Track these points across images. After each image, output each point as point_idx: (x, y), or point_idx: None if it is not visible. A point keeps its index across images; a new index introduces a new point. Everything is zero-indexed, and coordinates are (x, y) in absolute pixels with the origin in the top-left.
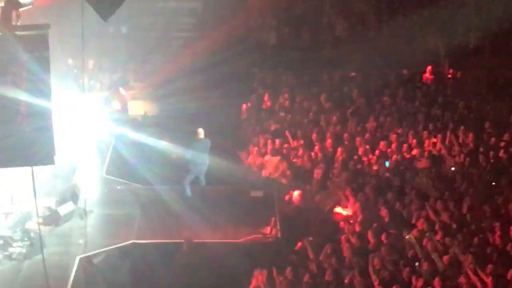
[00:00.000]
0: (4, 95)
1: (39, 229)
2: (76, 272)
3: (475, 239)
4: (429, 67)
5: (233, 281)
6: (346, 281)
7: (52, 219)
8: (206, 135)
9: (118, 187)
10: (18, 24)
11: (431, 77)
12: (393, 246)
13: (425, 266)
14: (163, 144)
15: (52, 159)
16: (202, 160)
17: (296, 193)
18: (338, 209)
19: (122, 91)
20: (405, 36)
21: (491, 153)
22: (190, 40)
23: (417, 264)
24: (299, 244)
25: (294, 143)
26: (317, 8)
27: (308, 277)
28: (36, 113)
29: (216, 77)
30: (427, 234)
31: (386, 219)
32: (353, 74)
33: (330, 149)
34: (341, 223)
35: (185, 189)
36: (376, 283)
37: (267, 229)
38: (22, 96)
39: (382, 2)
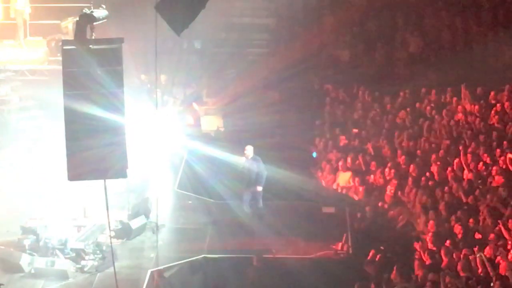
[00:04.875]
0: (78, 110)
1: (111, 242)
2: (147, 285)
3: None
4: (508, 86)
5: None
6: None
7: (124, 232)
8: (278, 150)
9: (190, 202)
10: (92, 38)
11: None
12: (465, 264)
13: (496, 286)
14: (236, 159)
15: (125, 172)
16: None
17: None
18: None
19: (195, 106)
20: (481, 53)
21: None
22: (263, 55)
23: (491, 284)
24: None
25: (366, 159)
26: (390, 24)
27: None
28: (110, 128)
29: (289, 92)
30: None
31: (459, 236)
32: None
33: (403, 166)
34: (414, 240)
35: (244, 204)
36: None
37: (339, 245)
38: (96, 110)
39: (456, 18)
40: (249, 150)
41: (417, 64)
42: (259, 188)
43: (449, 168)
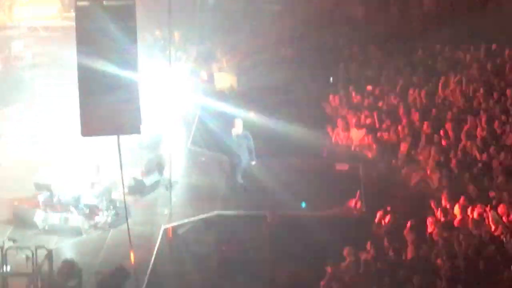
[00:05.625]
0: (91, 67)
1: (125, 199)
2: (160, 242)
3: None
4: None
5: (317, 254)
6: (430, 256)
7: (138, 189)
8: (292, 106)
9: (203, 158)
10: None
11: None
12: (479, 222)
13: (510, 244)
14: (250, 116)
15: (139, 129)
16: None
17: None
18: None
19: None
20: (495, 10)
21: None
22: (278, 12)
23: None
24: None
25: (380, 117)
26: None
27: (392, 252)
28: (123, 84)
29: (303, 49)
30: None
31: (473, 195)
32: (439, 47)
33: (417, 123)
34: (427, 198)
35: (236, 178)
36: (461, 258)
37: (352, 203)
38: (109, 67)
39: None
40: (239, 125)
41: (431, 21)
42: (253, 163)
43: (463, 126)
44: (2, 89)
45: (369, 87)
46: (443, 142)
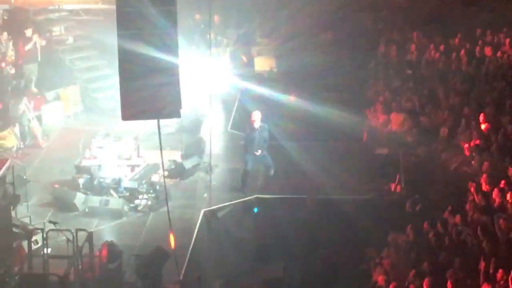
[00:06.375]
0: (132, 50)
1: (165, 182)
2: (200, 225)
3: None
4: None
5: (356, 237)
6: (470, 240)
7: (178, 172)
8: (331, 90)
9: (242, 142)
10: None
11: None
12: None
13: None
14: (290, 99)
15: (179, 112)
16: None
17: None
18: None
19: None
20: None
21: None
22: None
23: None
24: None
25: (420, 101)
26: None
27: (432, 236)
28: (164, 68)
29: (343, 33)
30: None
31: None
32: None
33: (457, 107)
34: (467, 182)
35: (248, 166)
36: (502, 242)
37: (392, 186)
38: (150, 50)
39: None
40: (257, 117)
41: (471, 5)
42: (265, 152)
43: (504, 110)
44: (44, 73)
45: (409, 71)
46: (483, 126)
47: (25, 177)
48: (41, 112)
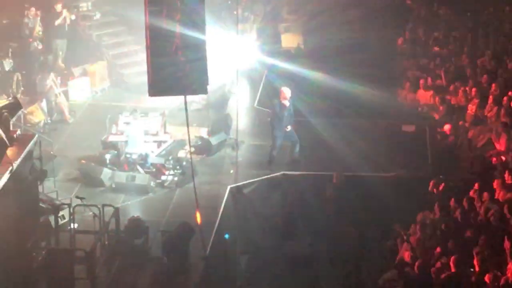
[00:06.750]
0: (160, 27)
1: (191, 158)
2: (226, 201)
3: None
4: None
5: (382, 215)
6: (496, 217)
7: (204, 148)
8: (358, 67)
9: (269, 118)
10: None
11: None
12: None
13: None
14: (317, 76)
15: (205, 89)
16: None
17: (447, 127)
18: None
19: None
20: None
21: None
22: None
23: None
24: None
25: (448, 78)
26: None
27: (458, 214)
28: (191, 44)
29: (370, 9)
30: None
31: None
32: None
33: (485, 85)
34: (494, 159)
35: (275, 147)
36: None
37: (418, 164)
38: (177, 27)
39: None
40: (288, 93)
41: None
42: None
43: None
44: (71, 49)
45: (437, 48)
46: (511, 102)
47: (52, 152)
48: (68, 88)
